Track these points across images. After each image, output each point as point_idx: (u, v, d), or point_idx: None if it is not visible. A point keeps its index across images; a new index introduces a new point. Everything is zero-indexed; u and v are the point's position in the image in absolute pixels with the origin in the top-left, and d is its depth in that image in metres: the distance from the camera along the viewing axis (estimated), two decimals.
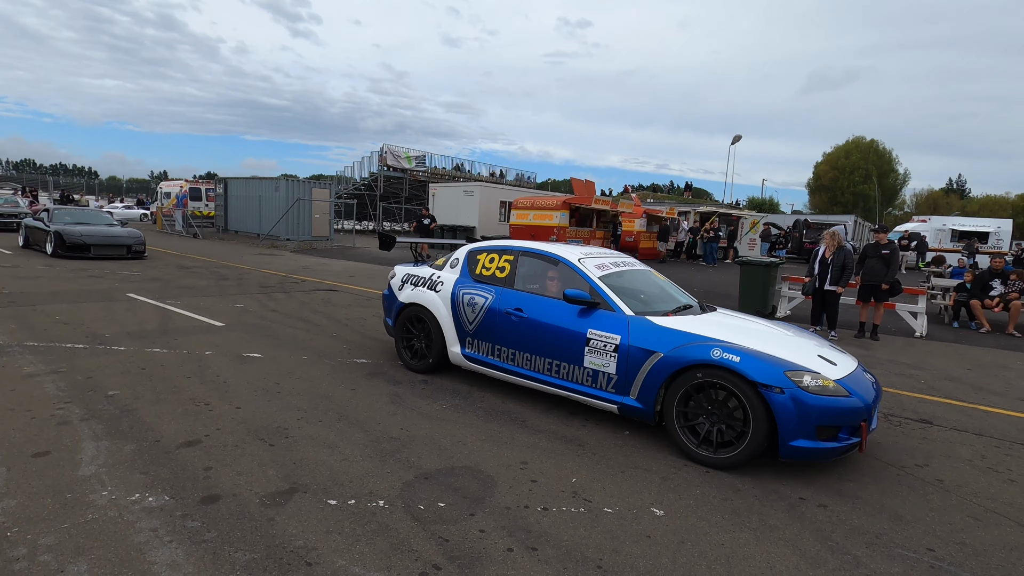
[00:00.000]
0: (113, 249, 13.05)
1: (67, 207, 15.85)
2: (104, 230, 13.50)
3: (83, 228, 13.17)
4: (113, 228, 13.94)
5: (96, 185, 51.92)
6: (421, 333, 5.28)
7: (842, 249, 8.19)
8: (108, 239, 13.09)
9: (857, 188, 52.53)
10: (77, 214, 14.63)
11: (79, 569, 2.27)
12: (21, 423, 3.67)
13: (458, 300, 4.94)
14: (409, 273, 5.57)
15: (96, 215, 15.24)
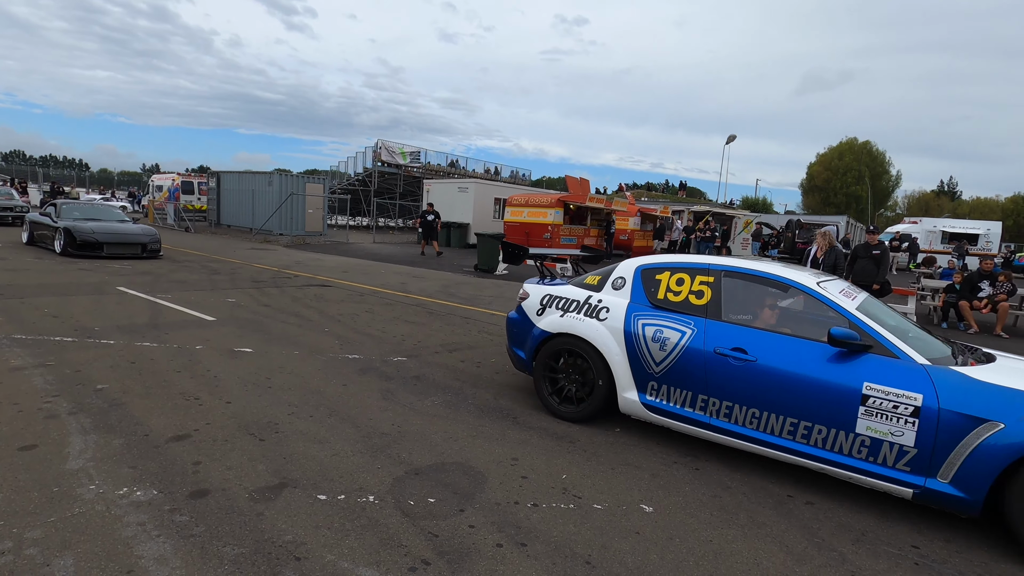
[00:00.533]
0: (127, 248, 12.17)
1: (76, 201, 14.67)
2: (117, 227, 12.60)
3: (95, 224, 12.25)
4: (126, 225, 13.02)
5: (87, 177, 51.46)
6: (574, 372, 4.23)
7: (833, 249, 8.24)
8: (122, 237, 12.20)
9: (850, 189, 52.88)
10: (87, 209, 13.53)
11: (65, 563, 2.26)
12: (8, 416, 3.64)
13: (636, 333, 3.90)
14: (551, 294, 4.49)
15: (107, 211, 14.00)
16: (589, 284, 4.41)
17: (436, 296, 9.89)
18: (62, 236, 11.82)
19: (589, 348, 4.10)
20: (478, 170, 35.57)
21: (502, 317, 8.28)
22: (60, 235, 11.91)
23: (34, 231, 13.31)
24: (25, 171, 45.24)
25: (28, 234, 13.51)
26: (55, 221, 12.39)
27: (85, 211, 13.33)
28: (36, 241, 13.25)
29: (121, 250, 12.13)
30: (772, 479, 3.48)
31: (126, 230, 12.57)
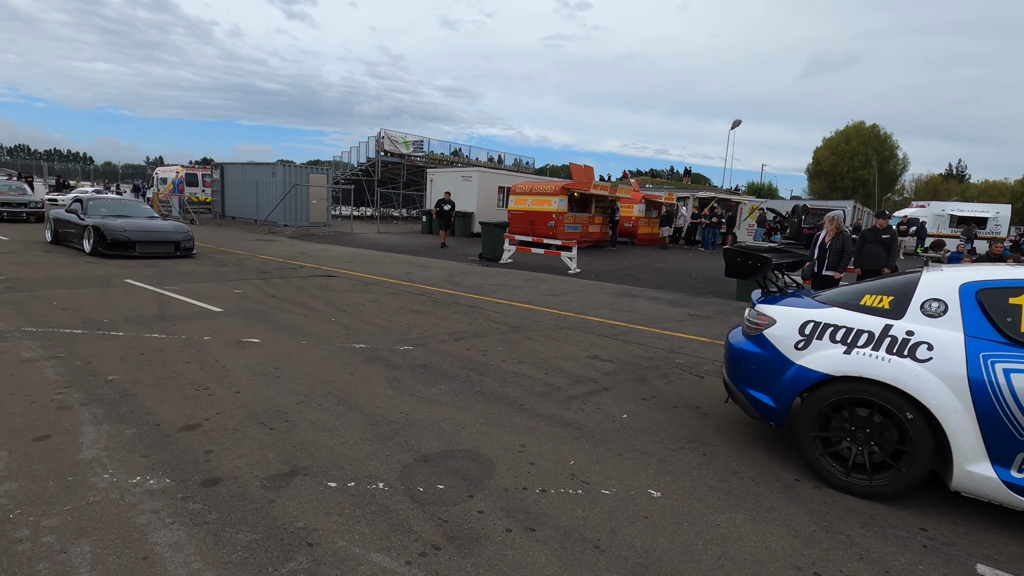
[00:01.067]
0: (160, 247, 11.43)
1: (103, 197, 13.47)
2: (148, 224, 11.81)
3: (125, 222, 11.48)
4: (157, 221, 12.23)
5: (91, 171, 51.59)
6: (867, 430, 3.15)
7: (841, 234, 8.19)
8: (155, 235, 11.44)
9: (857, 173, 52.33)
10: (114, 205, 12.63)
11: (82, 550, 2.29)
12: (21, 407, 3.68)
13: (993, 382, 2.80)
14: (819, 320, 3.38)
15: (135, 206, 13.16)
16: (873, 308, 3.30)
17: (441, 285, 9.90)
18: (91, 235, 11.09)
19: (901, 400, 2.99)
20: (481, 158, 35.42)
21: (506, 305, 8.30)
22: (89, 234, 11.17)
23: (59, 229, 12.61)
24: (31, 165, 45.40)
25: (52, 232, 12.80)
26: (82, 219, 11.63)
27: (113, 207, 12.47)
28: (61, 240, 12.58)
29: (154, 249, 11.38)
30: (779, 463, 3.49)
31: (158, 227, 11.76)
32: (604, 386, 4.83)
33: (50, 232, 12.95)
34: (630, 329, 7.19)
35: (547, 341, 6.30)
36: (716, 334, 7.19)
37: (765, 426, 4.10)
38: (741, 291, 10.24)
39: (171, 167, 32.40)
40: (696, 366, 5.63)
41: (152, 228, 11.64)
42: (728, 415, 4.30)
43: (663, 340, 6.70)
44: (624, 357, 5.81)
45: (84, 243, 11.38)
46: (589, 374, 5.15)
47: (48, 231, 13.10)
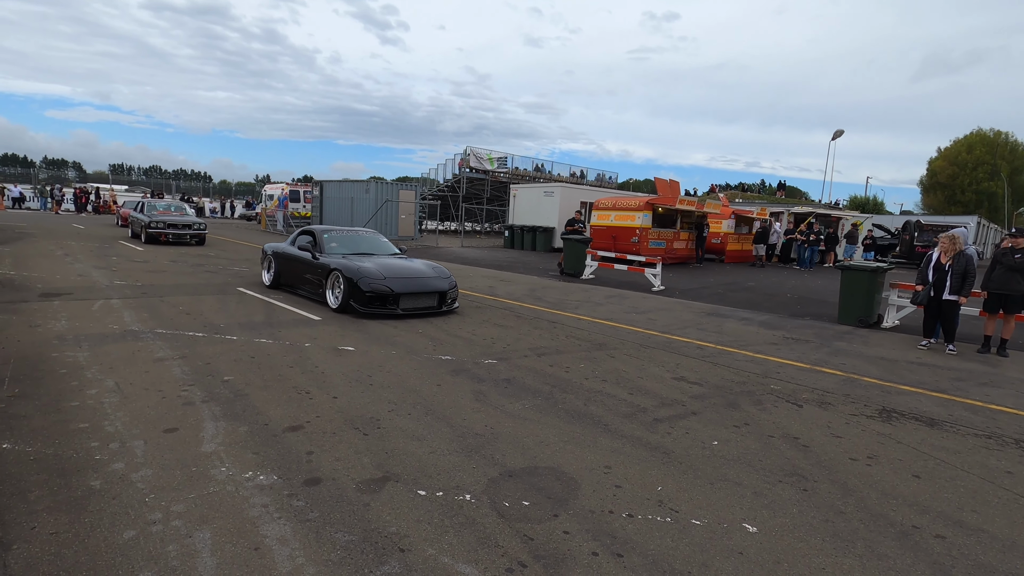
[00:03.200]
0: (425, 299, 8.02)
1: (336, 228, 9.69)
2: (405, 268, 8.32)
3: (378, 265, 8.08)
4: (412, 264, 8.61)
5: (210, 188, 57.30)
6: None
7: (962, 254, 7.40)
8: (417, 284, 7.99)
9: (981, 186, 47.06)
10: (345, 239, 9.29)
11: (204, 536, 2.52)
12: (154, 401, 4.13)
13: None
14: None
15: (371, 240, 9.65)
16: None
17: (523, 300, 10.00)
18: (341, 285, 7.77)
19: None
20: (563, 174, 35.55)
21: (588, 322, 8.22)
22: (338, 283, 7.87)
23: (282, 269, 9.50)
24: (161, 184, 51.17)
25: (273, 274, 9.65)
26: (317, 257, 8.53)
27: (345, 241, 9.22)
28: (289, 284, 9.39)
29: (417, 303, 7.91)
30: (892, 506, 3.18)
31: (418, 272, 8.26)
32: (692, 410, 4.64)
33: (270, 274, 9.75)
34: (719, 351, 6.88)
35: (631, 360, 6.16)
36: (815, 360, 6.70)
37: (873, 464, 3.77)
38: (843, 314, 9.50)
39: (277, 184, 35.27)
40: (794, 393, 5.28)
41: (412, 274, 8.13)
42: (831, 449, 3.98)
43: (756, 364, 6.34)
44: (713, 380, 5.56)
45: (329, 294, 8.04)
46: (676, 396, 4.98)
47: (267, 273, 9.84)
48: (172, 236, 16.81)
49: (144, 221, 16.72)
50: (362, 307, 7.62)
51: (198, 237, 17.29)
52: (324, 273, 8.25)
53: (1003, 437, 4.45)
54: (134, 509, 2.70)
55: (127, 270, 11.01)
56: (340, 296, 7.83)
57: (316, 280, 8.48)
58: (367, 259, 8.43)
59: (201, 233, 17.32)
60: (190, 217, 18.05)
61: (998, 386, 6.01)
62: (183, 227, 16.99)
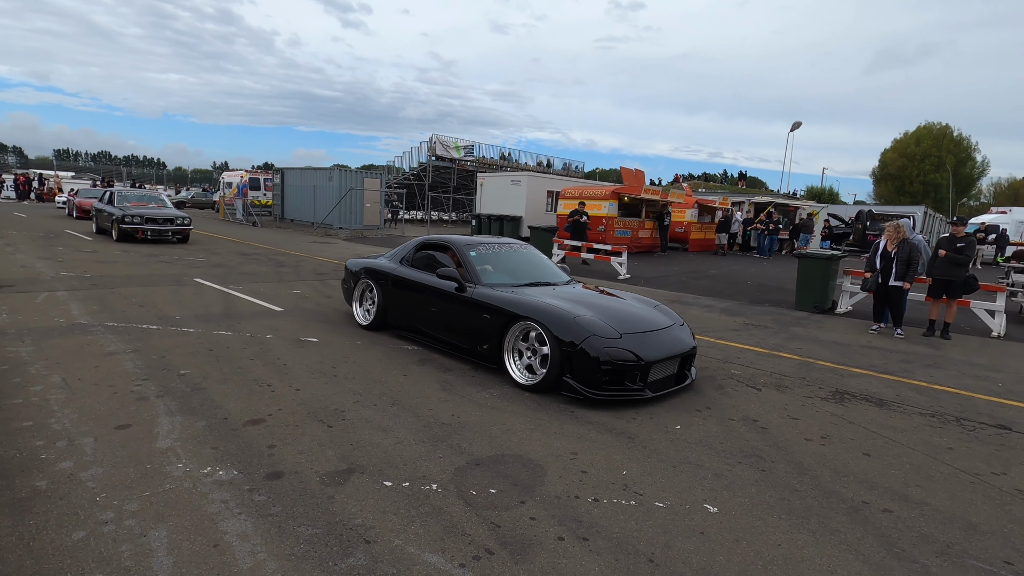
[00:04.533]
0: (670, 365, 4.79)
1: (480, 241, 6.13)
2: (631, 312, 5.10)
3: (597, 313, 4.78)
4: (634, 307, 5.31)
5: (164, 175, 54.99)
6: None
7: (906, 242, 7.73)
8: (664, 344, 4.75)
9: (928, 177, 49.24)
10: (501, 259, 5.96)
11: (160, 535, 2.44)
12: (105, 397, 3.96)
13: None
14: None
15: (532, 258, 6.29)
16: None
17: None
18: (543, 347, 4.60)
19: None
20: (530, 163, 35.52)
21: None
22: (528, 341, 4.75)
23: (394, 302, 6.15)
24: (111, 170, 48.82)
25: (372, 308, 6.38)
26: (468, 289, 5.26)
27: (498, 261, 5.90)
28: (398, 324, 6.14)
29: (664, 373, 4.74)
30: (844, 484, 3.33)
31: (652, 321, 5.02)
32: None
33: (365, 307, 6.53)
34: None
35: None
36: (774, 345, 6.92)
37: (827, 444, 3.92)
38: (800, 300, 9.83)
39: (236, 172, 34.14)
40: (752, 378, 5.44)
41: (646, 323, 4.93)
42: (788, 430, 4.13)
43: (717, 349, 6.51)
44: None
45: (510, 360, 4.84)
46: None
47: (359, 304, 6.59)
48: (151, 233, 14.11)
49: (116, 215, 14.16)
50: (590, 389, 4.29)
51: (181, 234, 14.53)
52: (497, 321, 4.85)
53: (945, 415, 4.70)
54: (84, 509, 2.59)
55: (74, 261, 10.49)
56: (546, 366, 4.50)
57: (475, 329, 5.09)
58: (547, 293, 5.18)
59: (185, 229, 14.56)
60: (170, 210, 15.33)
61: (941, 367, 6.34)
62: (164, 222, 14.32)
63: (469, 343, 5.23)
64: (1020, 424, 4.60)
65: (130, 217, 14.05)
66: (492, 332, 4.93)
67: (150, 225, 14.16)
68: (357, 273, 6.76)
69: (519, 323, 4.73)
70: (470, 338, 5.21)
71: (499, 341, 4.87)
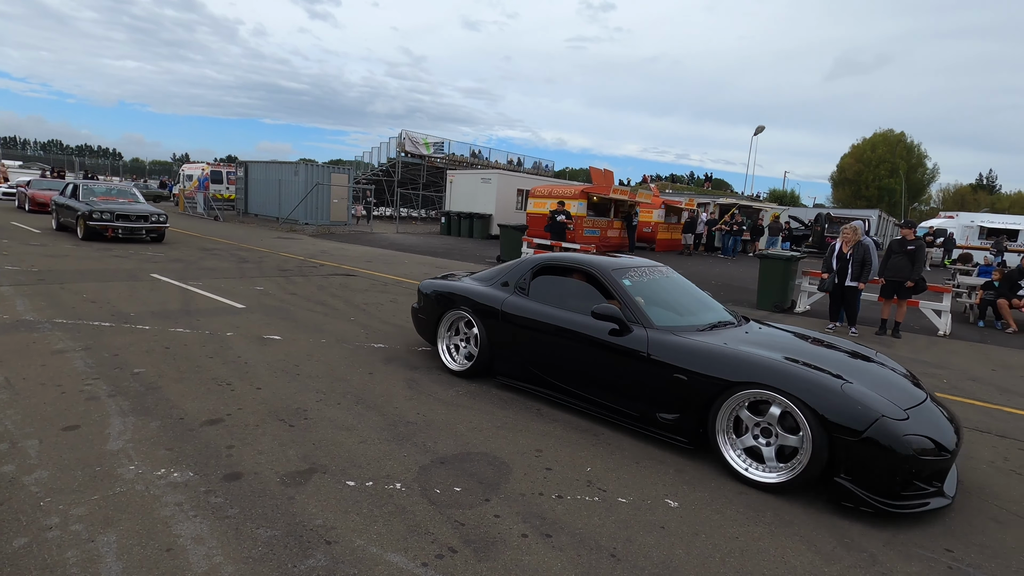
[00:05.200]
0: None
1: (626, 265, 4.61)
2: (888, 379, 3.65)
3: (867, 382, 3.40)
4: (881, 369, 3.83)
5: (120, 166, 52.83)
6: None
7: (861, 244, 8.04)
8: (942, 427, 3.29)
9: (883, 182, 51.35)
10: (654, 290, 4.51)
11: (108, 540, 2.35)
12: (51, 397, 3.78)
13: None
14: None
15: (686, 290, 4.98)
16: None
17: None
18: (795, 430, 3.16)
19: None
20: (501, 161, 35.51)
21: None
22: (757, 420, 3.32)
23: (506, 340, 4.60)
24: (62, 160, 46.66)
25: (474, 352, 4.81)
26: (633, 329, 3.89)
27: (651, 292, 4.44)
28: (510, 373, 4.62)
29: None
30: None
31: (915, 394, 3.55)
32: None
33: (460, 350, 4.99)
34: None
35: None
36: None
37: None
38: (761, 299, 10.11)
39: (197, 164, 33.05)
40: None
41: (912, 397, 3.48)
42: None
43: None
44: None
45: (726, 446, 3.44)
46: None
47: (446, 341, 5.08)
48: (122, 231, 12.71)
49: (82, 210, 12.70)
50: (884, 499, 2.98)
51: (156, 232, 13.15)
52: (699, 386, 3.53)
53: None
54: (26, 515, 2.47)
55: (20, 254, 9.99)
56: (791, 458, 3.23)
57: (652, 391, 3.75)
58: (747, 340, 3.92)
59: (160, 227, 13.14)
60: (143, 205, 13.74)
61: None
62: (137, 219, 12.86)
63: (640, 407, 3.79)
64: (963, 419, 4.83)
65: (99, 213, 12.54)
66: (688, 399, 3.55)
67: (121, 222, 12.68)
68: (443, 300, 5.07)
69: (744, 391, 3.32)
70: (642, 402, 3.78)
71: (700, 413, 3.50)
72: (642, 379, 3.79)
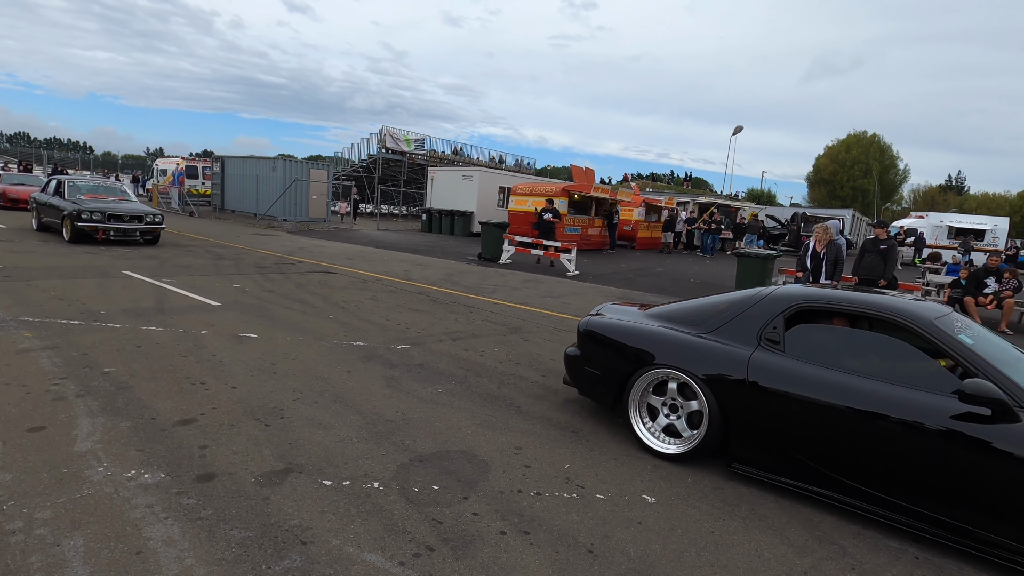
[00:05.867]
0: None
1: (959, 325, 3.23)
2: None
3: None
4: None
5: (91, 160, 51.41)
6: None
7: (833, 243, 8.20)
8: None
9: (857, 183, 52.48)
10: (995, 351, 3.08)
11: (75, 544, 2.29)
12: (16, 398, 3.67)
13: None
14: None
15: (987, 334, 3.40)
16: None
17: (439, 284, 9.90)
18: None
19: None
20: (482, 158, 35.40)
21: (505, 306, 8.30)
22: None
23: (748, 422, 3.28)
24: (30, 153, 45.23)
25: (692, 438, 3.46)
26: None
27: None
28: (748, 455, 3.32)
29: None
30: None
31: None
32: None
33: (672, 429, 3.61)
34: None
35: (545, 343, 6.30)
36: None
37: None
38: None
39: (171, 159, 32.34)
40: None
41: None
42: None
43: None
44: None
45: None
46: None
47: (643, 419, 3.72)
48: (114, 233, 11.38)
49: (68, 210, 11.35)
50: None
51: (151, 234, 11.84)
52: None
53: None
54: None
55: None
56: None
57: None
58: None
59: (156, 228, 11.84)
60: (136, 204, 12.38)
61: None
62: (130, 219, 11.51)
63: None
64: None
65: (88, 213, 11.16)
66: None
67: (113, 223, 11.33)
68: (633, 354, 3.77)
69: None
70: None
71: None
72: None
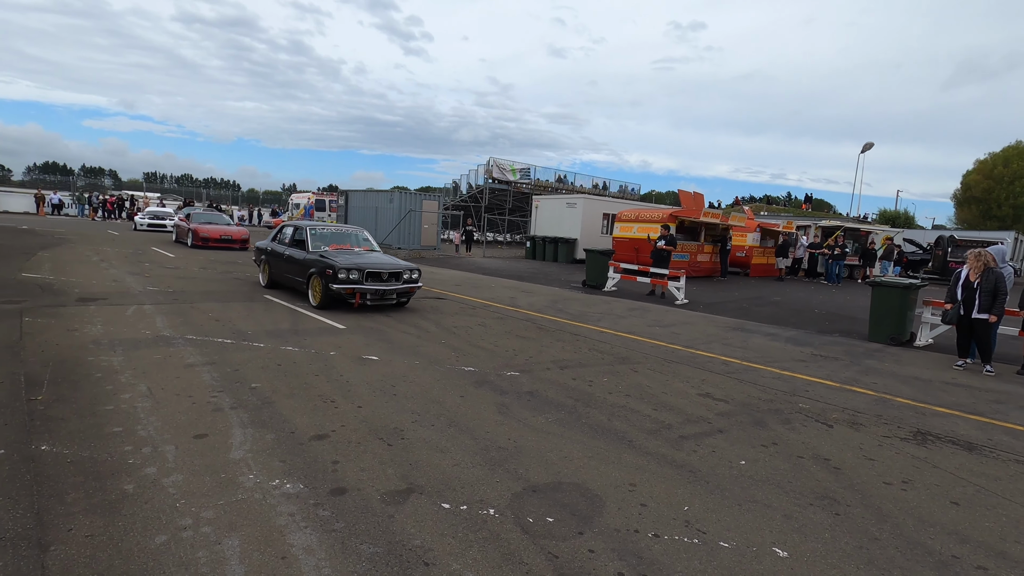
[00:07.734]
0: None
1: None
2: None
3: None
4: None
5: (239, 197, 58.67)
6: None
7: (991, 271, 7.16)
8: None
9: (1018, 200, 45.60)
10: None
11: (233, 544, 2.56)
12: (184, 407, 4.22)
13: None
14: None
15: None
16: None
17: (545, 311, 9.98)
18: None
19: None
20: (586, 185, 35.53)
21: (612, 335, 8.16)
22: None
23: None
24: (192, 192, 52.59)
25: None
26: None
27: None
28: None
29: None
30: (930, 535, 3.07)
31: None
32: (718, 427, 4.56)
33: None
34: (745, 367, 6.76)
35: (654, 375, 6.09)
36: (845, 378, 6.54)
37: (908, 489, 3.64)
38: (874, 331, 9.25)
39: (303, 194, 35.96)
40: (823, 413, 5.15)
41: None
42: (864, 472, 3.87)
43: (783, 381, 6.21)
44: (739, 397, 5.46)
45: None
46: (701, 413, 4.90)
47: None
48: (371, 296, 8.77)
49: (317, 266, 8.80)
50: None
51: (407, 295, 9.31)
52: None
53: None
54: (165, 514, 2.76)
55: (159, 276, 11.31)
56: None
57: None
58: None
59: (413, 287, 9.20)
60: (389, 259, 9.53)
61: None
62: (389, 278, 8.90)
63: None
64: None
65: (345, 272, 8.49)
66: None
67: (371, 283, 8.73)
68: None
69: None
70: None
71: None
72: None
